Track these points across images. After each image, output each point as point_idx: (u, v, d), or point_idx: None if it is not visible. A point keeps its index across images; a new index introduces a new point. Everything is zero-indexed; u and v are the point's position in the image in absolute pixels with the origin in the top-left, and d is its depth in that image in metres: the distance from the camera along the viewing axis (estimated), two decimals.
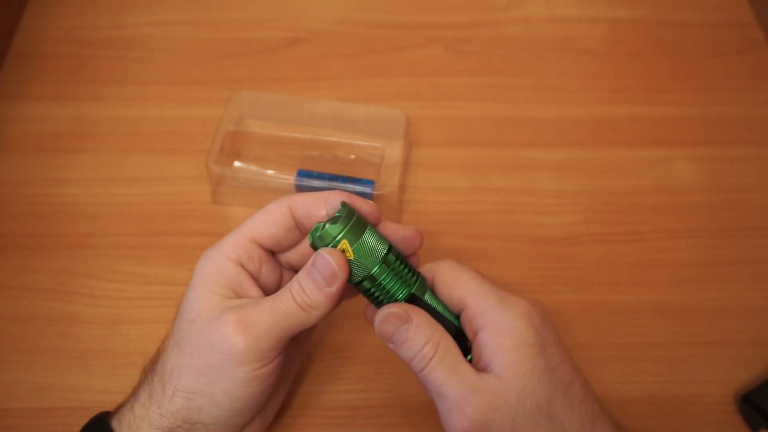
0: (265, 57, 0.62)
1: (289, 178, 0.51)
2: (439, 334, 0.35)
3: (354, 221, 0.35)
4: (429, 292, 0.37)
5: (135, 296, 0.49)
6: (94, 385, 0.45)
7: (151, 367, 0.38)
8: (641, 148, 0.57)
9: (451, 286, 0.37)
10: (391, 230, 0.37)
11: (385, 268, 0.35)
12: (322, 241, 0.35)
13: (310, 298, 0.35)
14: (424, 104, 0.59)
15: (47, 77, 0.60)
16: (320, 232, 0.35)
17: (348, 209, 0.36)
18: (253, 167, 0.54)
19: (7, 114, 0.57)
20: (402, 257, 0.37)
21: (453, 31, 0.64)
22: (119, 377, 0.45)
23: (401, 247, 0.37)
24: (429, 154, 0.56)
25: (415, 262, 0.39)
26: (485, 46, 0.63)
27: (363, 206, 0.37)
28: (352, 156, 0.54)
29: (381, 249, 0.35)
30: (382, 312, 0.35)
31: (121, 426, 0.36)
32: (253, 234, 0.37)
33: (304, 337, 0.42)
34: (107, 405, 0.40)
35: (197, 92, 0.59)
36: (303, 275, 0.36)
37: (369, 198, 0.51)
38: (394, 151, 0.54)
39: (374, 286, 0.36)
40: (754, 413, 0.44)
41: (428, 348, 0.34)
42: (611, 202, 0.54)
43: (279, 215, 0.37)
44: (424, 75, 0.61)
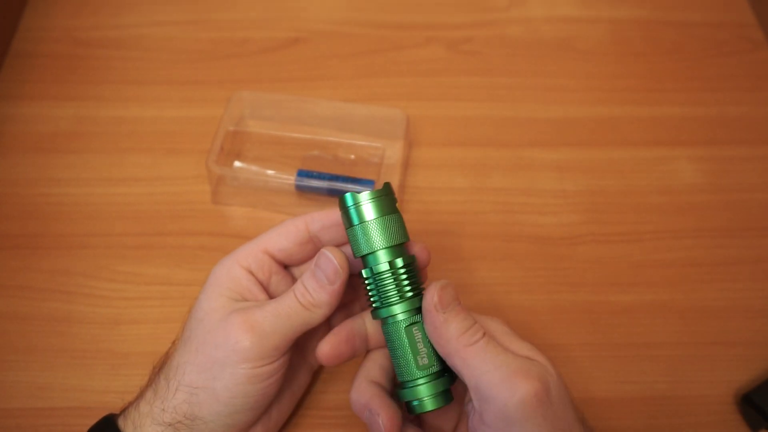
0: (265, 57, 0.62)
1: (289, 178, 0.51)
2: None
3: (389, 197, 0.37)
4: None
5: (135, 296, 0.49)
6: (94, 385, 0.45)
7: (160, 364, 0.39)
8: (641, 148, 0.57)
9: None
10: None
11: (393, 258, 0.36)
12: (351, 200, 0.36)
13: (313, 297, 0.37)
14: (424, 104, 0.59)
15: (47, 77, 0.60)
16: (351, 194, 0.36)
17: (389, 188, 0.37)
18: (253, 167, 0.54)
19: (7, 114, 0.57)
20: (412, 268, 0.37)
21: (453, 31, 0.64)
22: (119, 377, 0.45)
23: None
24: (429, 154, 0.56)
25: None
26: (485, 46, 0.63)
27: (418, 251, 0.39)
28: (352, 156, 0.54)
29: (398, 238, 0.36)
30: (442, 282, 0.36)
31: (126, 423, 0.37)
32: (266, 245, 0.39)
33: (310, 348, 0.42)
34: (107, 405, 0.40)
35: (197, 92, 0.59)
36: (307, 276, 0.37)
37: None
38: (394, 151, 0.54)
39: (373, 279, 0.36)
40: (754, 413, 0.44)
41: (480, 325, 0.36)
42: (611, 202, 0.54)
43: (293, 230, 0.39)
44: (424, 75, 0.61)
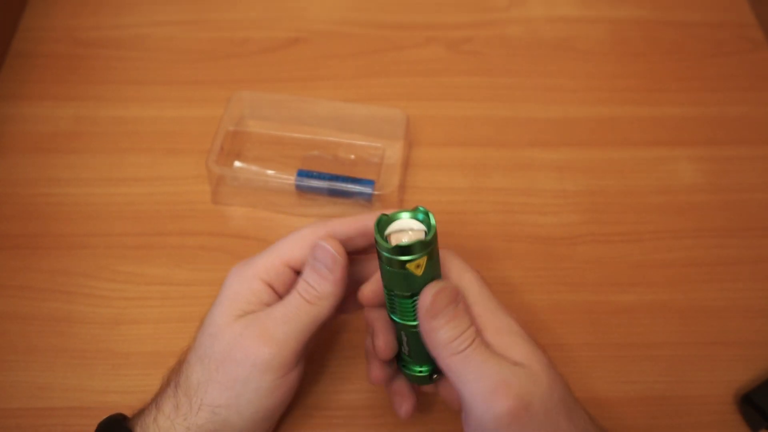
0: (265, 57, 0.62)
1: (289, 178, 0.51)
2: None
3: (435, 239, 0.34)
4: None
5: (135, 296, 0.49)
6: (94, 385, 0.45)
7: (175, 378, 0.38)
8: (641, 148, 0.57)
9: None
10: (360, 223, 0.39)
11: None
12: (409, 252, 0.33)
13: (318, 290, 0.36)
14: (424, 104, 0.59)
15: (47, 77, 0.60)
16: (410, 242, 0.33)
17: (431, 222, 0.34)
18: (253, 167, 0.54)
19: (7, 114, 0.57)
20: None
21: (453, 31, 0.64)
22: (119, 377, 0.45)
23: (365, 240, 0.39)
24: (429, 154, 0.56)
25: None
26: (485, 46, 0.63)
27: None
28: (352, 156, 0.54)
29: (437, 274, 0.35)
30: (436, 285, 0.34)
31: None
32: (287, 258, 0.38)
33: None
34: (107, 405, 0.40)
35: (197, 92, 0.59)
36: (307, 271, 0.37)
37: (368, 198, 0.51)
38: (394, 151, 0.54)
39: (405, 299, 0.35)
40: (755, 413, 0.44)
41: (472, 330, 0.34)
42: (611, 202, 0.54)
43: (315, 240, 0.38)
44: (424, 75, 0.61)
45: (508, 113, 0.59)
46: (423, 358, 0.37)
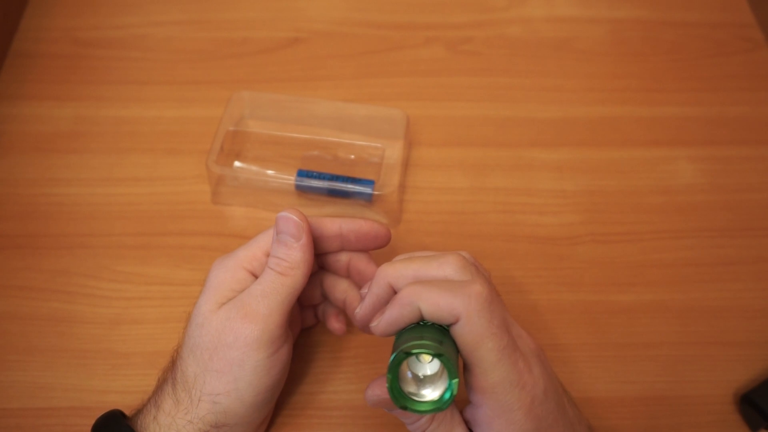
0: (265, 57, 0.62)
1: (289, 178, 0.51)
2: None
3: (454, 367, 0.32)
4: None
5: (135, 296, 0.49)
6: (94, 385, 0.45)
7: (170, 375, 0.38)
8: (641, 148, 0.57)
9: (470, 346, 0.33)
10: (354, 226, 0.40)
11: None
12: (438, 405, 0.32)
13: (288, 261, 0.37)
14: (424, 104, 0.59)
15: (47, 77, 0.60)
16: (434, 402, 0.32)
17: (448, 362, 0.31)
18: (253, 167, 0.54)
19: (7, 114, 0.57)
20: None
21: (453, 31, 0.64)
22: (119, 377, 0.45)
23: (361, 243, 0.40)
24: (429, 154, 0.56)
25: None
26: (485, 46, 0.63)
27: (364, 227, 0.40)
28: (352, 156, 0.54)
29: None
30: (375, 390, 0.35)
31: None
32: (267, 247, 0.39)
33: (294, 321, 0.44)
34: (107, 405, 0.40)
35: (197, 92, 0.59)
36: (274, 246, 0.38)
37: (368, 198, 0.51)
38: (394, 151, 0.54)
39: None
40: (754, 413, 0.44)
41: (426, 419, 0.35)
42: (611, 202, 0.54)
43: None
44: (424, 75, 0.61)
45: (508, 113, 0.59)
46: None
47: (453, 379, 0.31)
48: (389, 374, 0.31)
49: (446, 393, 0.31)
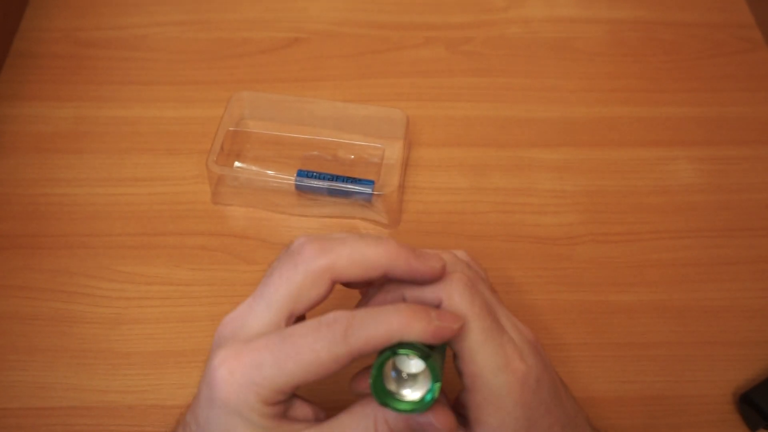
0: (265, 57, 0.62)
1: (289, 178, 0.51)
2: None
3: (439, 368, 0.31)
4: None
5: (135, 296, 0.49)
6: (95, 385, 0.45)
7: None
8: (641, 148, 0.57)
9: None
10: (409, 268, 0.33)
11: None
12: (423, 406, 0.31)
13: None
14: (424, 104, 0.59)
15: (48, 77, 0.60)
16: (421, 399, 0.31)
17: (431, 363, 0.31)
18: (254, 167, 0.54)
19: (7, 114, 0.58)
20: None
21: (453, 31, 0.64)
22: (119, 377, 0.45)
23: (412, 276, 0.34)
24: (429, 154, 0.56)
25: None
26: (485, 47, 0.63)
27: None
28: (352, 156, 0.55)
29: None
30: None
31: None
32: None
33: None
34: (108, 405, 0.40)
35: (197, 92, 0.59)
36: None
37: (368, 198, 0.51)
38: (394, 151, 0.54)
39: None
40: (753, 413, 0.44)
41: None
42: (611, 202, 0.54)
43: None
44: (424, 75, 0.61)
45: (507, 113, 0.59)
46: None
47: (436, 382, 0.31)
48: (374, 370, 0.31)
49: (427, 395, 0.31)
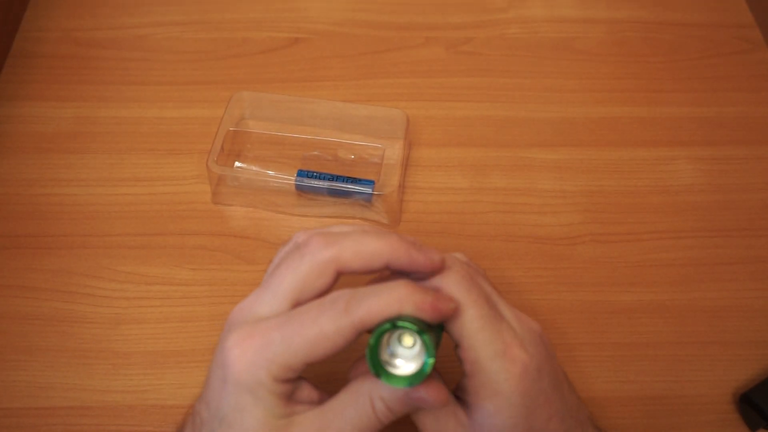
0: (265, 57, 0.62)
1: (290, 178, 0.51)
2: None
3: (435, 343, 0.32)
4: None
5: (135, 296, 0.49)
6: (95, 385, 0.45)
7: None
8: (641, 148, 0.57)
9: (452, 318, 0.33)
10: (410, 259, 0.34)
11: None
12: (418, 378, 0.31)
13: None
14: (424, 104, 0.59)
15: (48, 78, 0.60)
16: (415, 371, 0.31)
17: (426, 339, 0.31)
18: (254, 167, 0.54)
19: (8, 114, 0.58)
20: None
21: (453, 32, 0.64)
22: (120, 377, 0.45)
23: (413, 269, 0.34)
24: (429, 154, 0.56)
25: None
26: (485, 47, 0.63)
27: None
28: (352, 156, 0.55)
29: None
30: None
31: None
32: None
33: None
34: (108, 404, 0.40)
35: (198, 92, 0.59)
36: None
37: (368, 198, 0.51)
38: (394, 151, 0.54)
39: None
40: (753, 412, 0.44)
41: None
42: (611, 202, 0.54)
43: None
44: (424, 75, 0.61)
45: (507, 113, 0.59)
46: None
47: (429, 358, 0.31)
48: (371, 340, 0.31)
49: (422, 369, 0.31)
